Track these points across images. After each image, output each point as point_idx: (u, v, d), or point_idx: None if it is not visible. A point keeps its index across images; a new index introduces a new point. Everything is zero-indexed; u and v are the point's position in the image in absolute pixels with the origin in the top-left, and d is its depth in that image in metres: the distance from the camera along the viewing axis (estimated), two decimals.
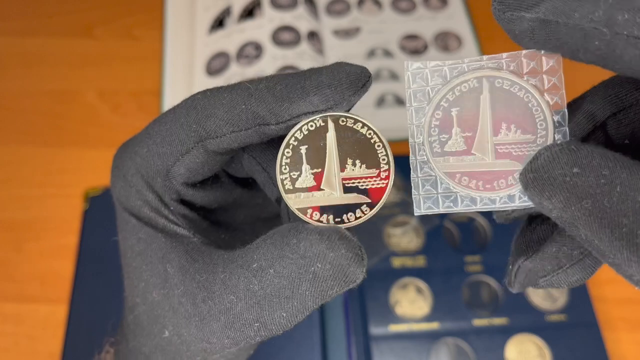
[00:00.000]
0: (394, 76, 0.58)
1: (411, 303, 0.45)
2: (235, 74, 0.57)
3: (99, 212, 0.50)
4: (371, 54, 0.60)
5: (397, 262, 0.46)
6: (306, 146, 0.16)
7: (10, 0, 0.64)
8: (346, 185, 0.16)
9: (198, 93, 0.18)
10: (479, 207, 0.16)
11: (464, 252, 0.47)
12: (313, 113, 0.16)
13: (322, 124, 0.16)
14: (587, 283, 0.45)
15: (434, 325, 0.44)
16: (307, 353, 0.42)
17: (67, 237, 0.49)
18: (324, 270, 0.15)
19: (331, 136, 0.16)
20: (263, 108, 0.16)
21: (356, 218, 0.16)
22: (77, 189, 0.52)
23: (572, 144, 0.14)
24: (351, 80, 0.16)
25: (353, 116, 0.16)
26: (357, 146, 0.16)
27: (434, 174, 0.16)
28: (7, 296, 0.47)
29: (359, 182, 0.16)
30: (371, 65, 0.59)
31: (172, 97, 0.57)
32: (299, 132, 0.16)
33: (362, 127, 0.16)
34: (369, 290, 0.45)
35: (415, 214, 0.17)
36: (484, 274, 0.45)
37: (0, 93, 0.58)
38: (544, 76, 0.16)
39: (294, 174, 0.16)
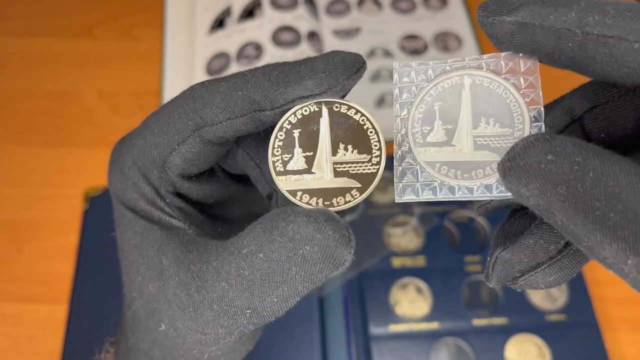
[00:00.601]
0: None
1: (411, 303, 0.45)
2: None
3: (99, 212, 0.50)
4: (371, 54, 0.60)
5: (397, 262, 0.46)
6: (299, 130, 0.16)
7: (10, 0, 0.64)
8: (337, 169, 0.16)
9: (197, 84, 0.18)
10: (458, 196, 0.17)
11: (463, 252, 0.47)
12: (307, 98, 0.16)
13: (316, 109, 0.16)
14: (587, 283, 0.45)
15: (433, 325, 0.44)
16: (307, 353, 0.42)
17: (67, 237, 0.49)
18: (312, 252, 0.15)
19: (324, 121, 0.16)
20: (259, 93, 0.16)
21: (346, 202, 0.16)
22: (77, 189, 0.52)
23: (547, 134, 0.15)
24: (345, 65, 0.16)
25: (347, 103, 0.16)
26: (349, 132, 0.16)
27: (415, 164, 0.16)
28: (7, 296, 0.47)
29: (350, 167, 0.16)
30: (371, 66, 0.59)
31: (172, 97, 0.57)
32: (293, 116, 0.16)
33: (355, 114, 0.16)
34: (369, 290, 0.45)
35: (396, 201, 0.17)
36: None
37: (0, 93, 0.58)
38: (522, 76, 0.16)
39: (285, 157, 0.16)
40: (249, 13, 0.60)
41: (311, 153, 0.16)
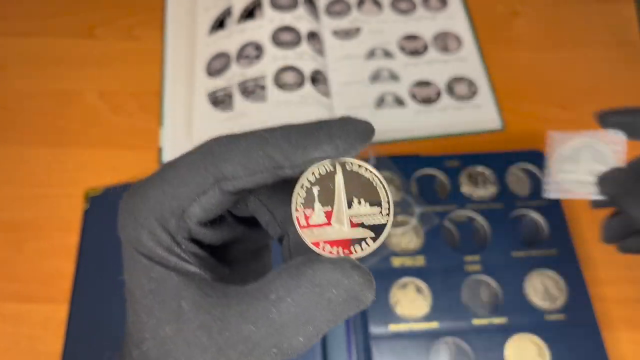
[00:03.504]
0: (394, 76, 0.58)
1: (411, 302, 0.45)
2: (236, 74, 0.57)
3: (100, 212, 0.50)
4: (371, 54, 0.60)
5: (397, 262, 0.46)
6: (318, 187, 0.18)
7: (11, 0, 0.64)
8: (353, 221, 0.18)
9: (212, 140, 0.19)
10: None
11: (463, 251, 0.47)
12: (323, 158, 0.18)
13: (332, 168, 0.18)
14: (586, 283, 0.45)
15: (433, 325, 0.44)
16: (307, 353, 0.42)
17: (67, 237, 0.50)
18: (338, 295, 0.17)
19: (339, 179, 0.18)
20: (279, 154, 0.17)
21: (362, 250, 0.18)
22: (77, 189, 0.52)
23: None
24: (358, 133, 0.18)
25: (357, 162, 0.18)
26: (361, 187, 0.18)
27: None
28: (8, 296, 0.47)
29: (364, 218, 0.18)
30: (371, 66, 0.59)
31: (172, 98, 0.57)
32: (311, 175, 0.18)
33: (365, 171, 0.18)
34: None
35: None
36: (484, 274, 0.46)
37: (1, 93, 0.58)
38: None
39: (307, 212, 0.18)
40: (249, 13, 0.60)
41: (329, 208, 0.18)
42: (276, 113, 0.53)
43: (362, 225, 0.18)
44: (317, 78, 0.56)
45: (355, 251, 0.18)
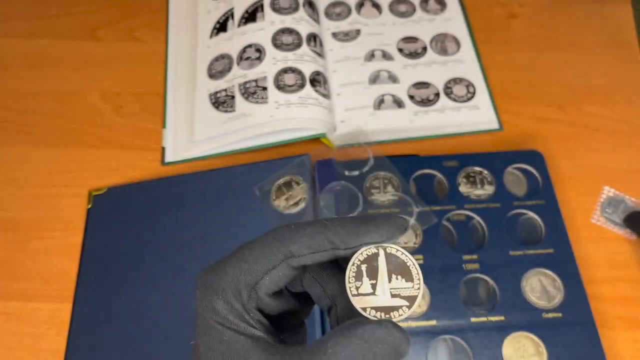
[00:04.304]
0: (393, 78, 0.59)
1: None
2: (237, 76, 0.57)
3: (103, 211, 0.51)
4: (370, 55, 0.60)
5: None
6: (365, 265, 0.23)
7: (14, 1, 0.65)
8: (392, 292, 0.23)
9: (282, 226, 0.23)
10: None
11: (461, 251, 0.47)
12: (371, 243, 0.23)
13: (376, 251, 0.23)
14: (583, 281, 0.46)
15: (431, 323, 0.44)
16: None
17: (71, 236, 0.50)
18: (382, 350, 0.20)
19: (382, 259, 0.23)
20: (337, 238, 0.22)
21: (399, 315, 0.23)
22: (80, 189, 0.52)
23: None
24: (398, 226, 0.23)
25: (395, 247, 0.24)
26: (399, 267, 0.23)
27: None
28: (11, 295, 0.48)
29: (400, 291, 0.23)
30: (370, 67, 0.59)
31: (174, 99, 0.58)
32: (360, 255, 0.23)
33: (402, 255, 0.24)
34: None
35: None
36: (481, 273, 0.46)
37: (4, 94, 0.59)
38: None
39: (357, 284, 0.23)
40: (250, 16, 0.61)
41: (374, 281, 0.23)
42: (277, 114, 0.54)
43: (399, 296, 0.23)
44: (317, 79, 0.56)
45: (394, 316, 0.22)
